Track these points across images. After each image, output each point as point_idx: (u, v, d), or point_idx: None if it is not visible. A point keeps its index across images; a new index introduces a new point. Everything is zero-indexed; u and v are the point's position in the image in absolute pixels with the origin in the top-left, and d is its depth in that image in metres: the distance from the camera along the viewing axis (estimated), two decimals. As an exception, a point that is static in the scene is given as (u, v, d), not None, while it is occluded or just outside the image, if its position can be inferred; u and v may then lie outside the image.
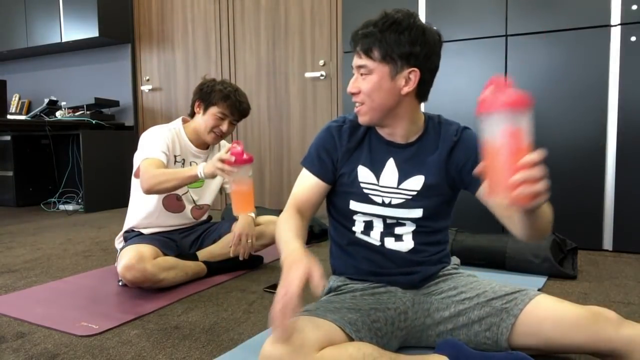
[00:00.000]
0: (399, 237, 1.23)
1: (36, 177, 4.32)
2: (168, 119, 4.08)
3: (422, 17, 2.66)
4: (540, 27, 2.41)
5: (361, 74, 1.15)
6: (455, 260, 1.38)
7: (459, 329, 1.18)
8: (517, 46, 2.47)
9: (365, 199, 1.22)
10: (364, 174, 1.22)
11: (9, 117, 3.84)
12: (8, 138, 4.16)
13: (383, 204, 1.21)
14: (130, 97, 4.24)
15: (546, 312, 1.09)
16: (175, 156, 1.94)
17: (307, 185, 1.28)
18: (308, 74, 3.39)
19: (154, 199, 1.92)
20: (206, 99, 1.92)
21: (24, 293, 1.82)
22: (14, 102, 4.79)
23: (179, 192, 1.95)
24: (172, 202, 1.96)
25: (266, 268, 2.13)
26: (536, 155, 0.80)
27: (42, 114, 4.02)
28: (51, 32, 4.16)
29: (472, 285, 1.23)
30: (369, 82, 1.13)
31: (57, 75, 4.61)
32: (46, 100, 4.10)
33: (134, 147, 1.93)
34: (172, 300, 1.69)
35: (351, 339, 1.04)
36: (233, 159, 1.54)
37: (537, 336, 1.08)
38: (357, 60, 1.15)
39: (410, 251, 1.24)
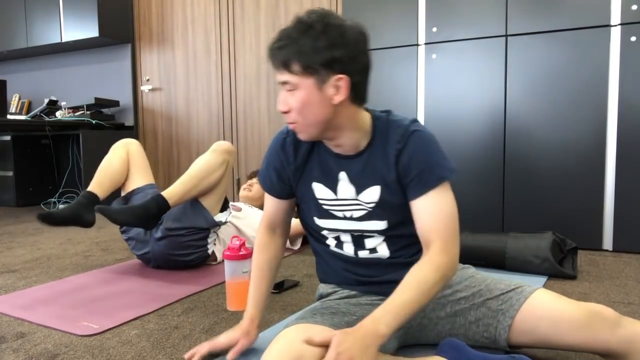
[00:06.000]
0: (372, 250, 1.18)
1: (36, 177, 4.32)
2: (168, 119, 4.08)
3: (422, 17, 2.66)
4: (540, 27, 2.41)
5: (287, 90, 1.04)
6: None
7: (457, 329, 1.18)
8: (517, 46, 2.47)
9: (327, 214, 1.17)
10: (320, 190, 1.16)
11: (9, 117, 3.84)
12: (8, 138, 4.16)
13: (345, 218, 1.16)
14: (130, 97, 4.24)
15: (542, 312, 1.07)
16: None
17: (270, 201, 1.26)
18: (308, 74, 3.39)
19: None
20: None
21: (24, 293, 1.81)
22: (14, 102, 4.79)
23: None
24: None
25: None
26: None
27: (42, 114, 4.02)
28: (51, 32, 4.16)
29: (467, 282, 1.20)
30: (297, 99, 1.02)
31: (57, 75, 4.61)
32: (46, 100, 4.10)
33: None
34: (172, 300, 1.69)
35: None
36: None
37: (533, 335, 1.09)
38: (279, 76, 1.03)
39: (389, 259, 1.18)
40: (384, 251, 1.18)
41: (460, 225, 2.33)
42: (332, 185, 1.15)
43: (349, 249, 1.20)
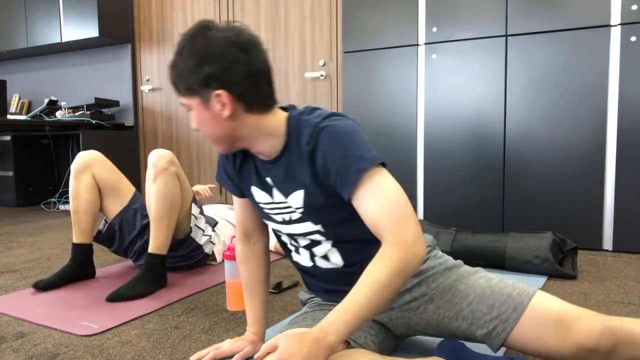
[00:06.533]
0: (325, 257, 1.13)
1: (36, 177, 4.32)
2: (168, 119, 4.08)
3: (422, 17, 2.66)
4: (540, 27, 2.41)
5: (188, 110, 1.05)
6: (427, 240, 1.19)
7: (447, 336, 1.16)
8: (517, 46, 2.47)
9: (269, 218, 1.16)
10: (258, 194, 1.13)
11: (9, 117, 3.84)
12: (8, 138, 4.16)
13: (284, 222, 1.13)
14: (130, 97, 4.24)
15: (527, 346, 1.03)
16: None
17: (238, 206, 1.22)
18: (308, 74, 3.39)
19: None
20: None
21: (24, 293, 1.82)
22: (14, 102, 4.79)
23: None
24: None
25: (266, 268, 2.13)
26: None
27: (42, 114, 4.02)
28: (51, 32, 4.16)
29: (449, 295, 1.11)
30: (194, 118, 1.04)
31: (57, 75, 4.61)
32: (46, 100, 4.11)
33: (134, 147, 1.94)
34: (172, 300, 1.69)
35: (347, 343, 1.04)
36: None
37: (525, 352, 1.07)
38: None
39: (344, 268, 1.12)
40: (337, 259, 1.12)
41: (460, 225, 2.34)
42: (268, 189, 1.11)
43: (305, 256, 1.16)
